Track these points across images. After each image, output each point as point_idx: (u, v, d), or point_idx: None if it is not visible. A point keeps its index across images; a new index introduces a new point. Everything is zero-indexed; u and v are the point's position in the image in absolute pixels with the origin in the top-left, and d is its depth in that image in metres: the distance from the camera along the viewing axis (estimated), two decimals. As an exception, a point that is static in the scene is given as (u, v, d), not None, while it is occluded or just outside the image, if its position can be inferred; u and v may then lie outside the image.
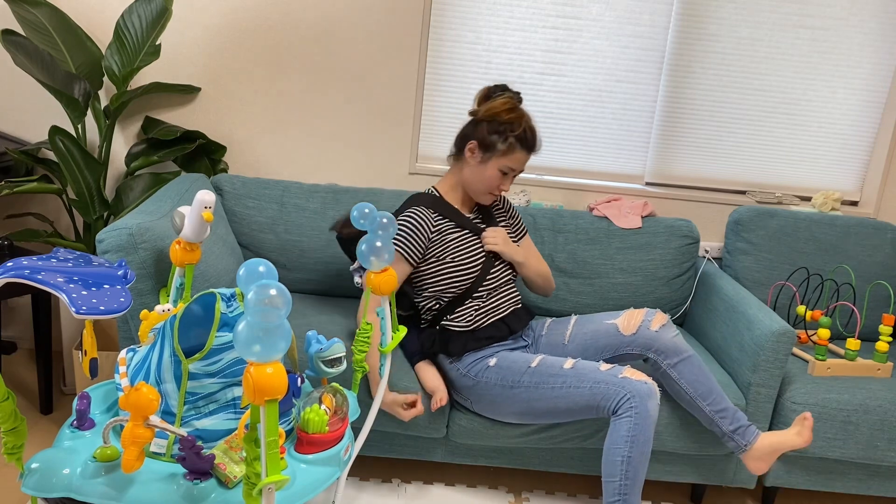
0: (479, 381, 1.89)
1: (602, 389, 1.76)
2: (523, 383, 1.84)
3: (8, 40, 2.16)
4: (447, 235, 1.95)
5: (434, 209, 1.95)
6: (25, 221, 2.58)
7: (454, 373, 1.94)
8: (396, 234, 1.88)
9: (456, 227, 1.97)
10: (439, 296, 1.96)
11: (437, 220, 1.95)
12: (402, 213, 1.96)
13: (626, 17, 2.54)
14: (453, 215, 1.97)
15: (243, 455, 1.31)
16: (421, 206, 1.95)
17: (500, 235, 2.00)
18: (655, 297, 2.43)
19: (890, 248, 2.53)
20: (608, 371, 1.78)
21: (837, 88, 2.65)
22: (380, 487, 2.10)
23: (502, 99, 1.92)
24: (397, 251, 1.88)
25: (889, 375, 2.15)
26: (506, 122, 1.89)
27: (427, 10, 2.48)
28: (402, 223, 1.92)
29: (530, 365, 1.85)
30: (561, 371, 1.82)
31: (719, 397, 1.87)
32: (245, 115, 2.56)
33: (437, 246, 1.93)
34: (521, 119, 1.90)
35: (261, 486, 1.07)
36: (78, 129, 2.32)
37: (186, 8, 2.44)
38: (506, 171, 1.93)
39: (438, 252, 1.93)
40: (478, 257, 1.96)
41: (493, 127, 1.90)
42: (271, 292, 1.04)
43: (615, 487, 1.73)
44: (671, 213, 2.69)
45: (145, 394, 1.17)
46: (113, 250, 1.69)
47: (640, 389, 1.73)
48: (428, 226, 1.92)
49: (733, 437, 1.86)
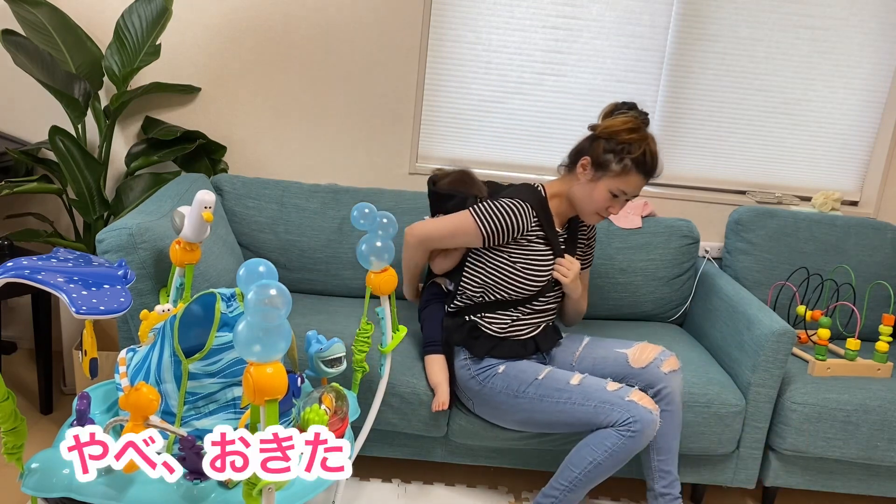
0: (485, 385, 1.88)
1: (607, 409, 1.75)
2: (528, 394, 1.83)
3: (8, 40, 2.16)
4: (531, 244, 1.88)
5: (537, 213, 1.86)
6: (25, 221, 2.58)
7: (463, 371, 1.93)
8: (492, 209, 1.84)
9: (543, 240, 1.89)
10: (488, 291, 1.92)
11: (534, 225, 1.87)
12: (507, 196, 1.87)
13: (626, 17, 2.54)
14: (547, 226, 1.89)
15: (243, 455, 1.31)
16: (528, 203, 1.85)
17: (574, 270, 1.91)
18: (655, 297, 2.43)
19: (890, 248, 2.53)
20: (615, 392, 1.77)
21: (837, 88, 2.65)
22: (380, 487, 2.10)
23: (624, 117, 1.82)
24: (480, 225, 1.84)
25: (889, 375, 2.15)
26: (624, 142, 1.79)
27: (427, 10, 2.48)
28: (505, 207, 1.84)
29: (538, 377, 1.84)
30: (567, 386, 1.81)
31: (672, 460, 1.84)
32: (245, 115, 2.56)
33: (516, 248, 1.88)
34: (642, 141, 1.79)
35: (261, 486, 1.07)
36: (78, 129, 2.32)
37: (186, 8, 2.44)
38: (617, 193, 1.82)
39: (514, 253, 1.88)
40: (544, 277, 1.90)
41: (610, 146, 1.80)
42: (271, 292, 1.04)
43: (570, 477, 1.78)
44: (671, 213, 2.68)
45: (145, 394, 1.17)
46: (113, 250, 1.69)
47: (644, 416, 1.72)
48: (523, 226, 1.84)
49: (658, 499, 1.85)
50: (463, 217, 1.87)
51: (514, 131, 2.64)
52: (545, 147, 2.66)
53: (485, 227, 1.84)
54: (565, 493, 1.79)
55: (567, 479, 1.79)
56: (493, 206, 1.85)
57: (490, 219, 1.84)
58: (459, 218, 1.88)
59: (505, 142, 2.65)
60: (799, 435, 2.00)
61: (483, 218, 1.84)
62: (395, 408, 1.95)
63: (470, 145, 2.65)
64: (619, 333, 2.29)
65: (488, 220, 1.84)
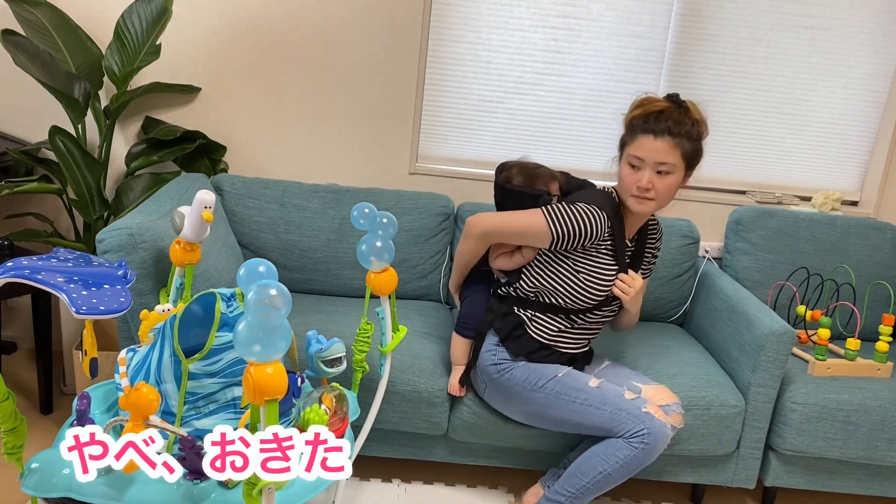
0: (505, 373, 1.86)
1: (622, 417, 1.74)
2: (546, 389, 1.82)
3: (8, 40, 2.16)
4: (599, 254, 1.80)
5: (611, 223, 1.77)
6: (25, 221, 2.57)
7: (487, 355, 1.89)
8: (568, 212, 1.74)
9: (611, 251, 1.81)
10: (542, 293, 1.86)
11: (606, 235, 1.77)
12: (584, 201, 1.77)
13: (626, 17, 2.54)
14: (619, 237, 1.80)
15: (243, 455, 1.31)
16: (605, 212, 1.75)
17: (636, 288, 1.81)
18: (655, 297, 2.43)
19: (890, 248, 2.53)
20: (632, 401, 1.76)
21: (837, 88, 2.65)
22: (380, 487, 2.10)
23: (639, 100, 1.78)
24: (551, 225, 1.74)
25: (889, 375, 2.15)
26: (635, 116, 1.75)
27: (427, 10, 2.48)
28: (581, 213, 1.74)
29: (557, 374, 1.83)
30: (585, 387, 1.80)
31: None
32: (245, 115, 2.56)
33: (583, 256, 1.80)
34: (641, 105, 1.75)
35: (261, 486, 1.07)
36: (78, 129, 2.32)
37: (186, 8, 2.44)
38: (634, 163, 1.73)
39: (579, 262, 1.80)
40: (604, 291, 1.82)
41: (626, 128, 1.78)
42: (271, 292, 1.04)
43: (578, 484, 1.77)
44: (671, 214, 2.68)
45: (145, 394, 1.18)
46: (113, 250, 1.69)
47: (658, 430, 1.71)
48: (597, 234, 1.75)
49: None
50: (534, 215, 1.78)
51: (514, 131, 2.64)
52: (545, 147, 2.66)
53: (556, 228, 1.74)
54: (571, 500, 1.79)
55: (574, 486, 1.78)
56: (568, 209, 1.75)
57: (563, 222, 1.74)
58: (530, 216, 1.78)
59: (505, 142, 2.65)
60: (799, 435, 2.00)
61: (556, 219, 1.75)
62: (396, 407, 1.95)
63: (470, 145, 2.65)
64: (619, 334, 2.29)
65: (562, 222, 1.74)
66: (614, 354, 2.15)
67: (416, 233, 2.41)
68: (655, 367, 2.08)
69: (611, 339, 2.26)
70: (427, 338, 2.13)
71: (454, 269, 2.01)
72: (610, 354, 2.13)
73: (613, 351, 2.18)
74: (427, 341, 2.10)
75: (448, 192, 2.61)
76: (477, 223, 1.84)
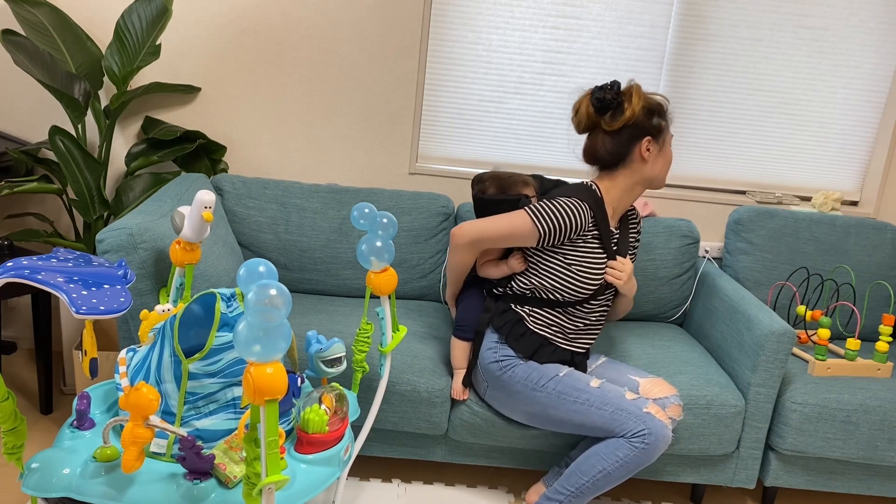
0: (506, 372, 1.86)
1: (622, 418, 1.75)
2: (547, 388, 1.82)
3: (8, 40, 2.16)
4: (586, 245, 1.84)
5: (594, 213, 1.82)
6: (25, 221, 2.58)
7: (488, 353, 1.89)
8: (550, 208, 1.79)
9: (598, 240, 1.85)
10: (538, 291, 1.87)
11: (590, 225, 1.83)
12: (564, 196, 1.82)
13: (626, 17, 2.54)
14: (603, 226, 1.85)
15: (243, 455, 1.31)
16: (586, 203, 1.81)
17: (627, 272, 1.86)
18: (655, 297, 2.43)
19: (890, 248, 2.53)
20: (633, 401, 1.77)
21: (837, 88, 2.65)
22: (380, 487, 2.10)
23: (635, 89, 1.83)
24: (536, 223, 1.79)
25: (889, 375, 2.15)
26: (654, 104, 1.83)
27: (427, 10, 2.48)
28: (563, 206, 1.79)
29: (559, 374, 1.83)
30: (587, 388, 1.81)
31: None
32: (245, 115, 2.56)
33: (571, 249, 1.83)
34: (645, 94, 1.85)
35: (261, 486, 1.07)
36: (78, 129, 2.32)
37: (186, 8, 2.44)
38: None
39: (569, 255, 1.83)
40: (597, 280, 1.85)
41: (649, 113, 1.82)
42: (271, 292, 1.04)
43: (578, 483, 1.78)
44: (671, 213, 2.69)
45: (145, 394, 1.18)
46: (113, 250, 1.69)
47: (658, 430, 1.72)
48: (581, 225, 1.80)
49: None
50: (518, 216, 1.81)
51: (514, 131, 2.64)
52: (545, 147, 2.66)
53: (541, 225, 1.78)
54: (570, 499, 1.79)
55: (574, 485, 1.79)
56: (550, 204, 1.80)
57: (547, 217, 1.79)
58: (514, 217, 1.82)
59: (505, 142, 2.65)
60: (799, 435, 2.00)
61: (540, 216, 1.79)
62: (396, 407, 1.95)
63: (470, 145, 2.65)
64: (618, 334, 2.29)
65: (546, 218, 1.79)
66: (615, 355, 2.15)
67: (416, 233, 2.41)
68: (655, 367, 2.08)
69: (611, 339, 2.26)
70: (427, 338, 2.13)
71: (448, 281, 2.03)
72: (610, 355, 2.13)
73: (614, 351, 2.18)
74: (427, 341, 2.10)
75: (448, 191, 2.62)
76: (463, 233, 1.86)
